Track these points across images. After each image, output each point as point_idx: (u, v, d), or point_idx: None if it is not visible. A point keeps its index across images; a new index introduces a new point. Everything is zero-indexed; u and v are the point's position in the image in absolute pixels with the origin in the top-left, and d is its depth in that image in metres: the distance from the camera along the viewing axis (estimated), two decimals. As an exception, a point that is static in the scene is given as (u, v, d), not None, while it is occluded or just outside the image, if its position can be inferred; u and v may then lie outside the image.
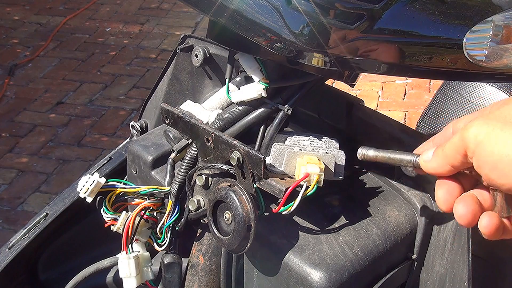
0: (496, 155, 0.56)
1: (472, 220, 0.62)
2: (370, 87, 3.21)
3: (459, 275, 0.79)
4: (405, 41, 0.75)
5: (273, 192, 0.75)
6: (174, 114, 0.85)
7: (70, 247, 1.22)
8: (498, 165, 0.56)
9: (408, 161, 0.69)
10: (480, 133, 0.57)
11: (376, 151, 0.73)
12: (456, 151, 0.60)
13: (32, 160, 2.77)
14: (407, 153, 0.70)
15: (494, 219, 0.61)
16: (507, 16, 0.77)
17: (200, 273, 0.94)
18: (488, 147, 0.56)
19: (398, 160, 0.70)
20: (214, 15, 0.76)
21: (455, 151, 0.60)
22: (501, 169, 0.56)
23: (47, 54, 3.67)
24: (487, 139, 0.56)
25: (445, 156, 0.62)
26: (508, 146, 0.55)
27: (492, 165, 0.56)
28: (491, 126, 0.57)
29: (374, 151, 0.73)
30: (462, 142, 0.59)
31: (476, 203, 0.62)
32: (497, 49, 0.77)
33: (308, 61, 0.74)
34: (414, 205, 0.87)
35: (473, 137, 0.57)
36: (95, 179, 0.88)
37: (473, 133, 0.58)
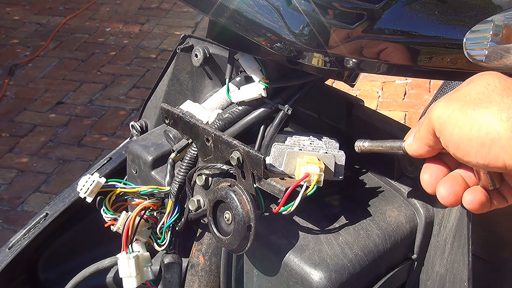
0: (456, 135, 0.59)
1: (455, 200, 0.65)
2: (370, 87, 3.21)
3: (459, 275, 0.79)
4: (405, 41, 0.75)
5: (273, 192, 0.75)
6: (174, 114, 0.85)
7: (70, 247, 1.22)
8: (460, 145, 0.59)
9: (398, 147, 0.72)
10: (443, 114, 0.60)
11: (371, 142, 0.76)
12: (428, 132, 0.63)
13: (32, 160, 2.77)
14: (397, 140, 0.73)
15: (477, 194, 0.64)
16: (507, 16, 0.77)
17: (200, 273, 0.94)
18: (449, 128, 0.59)
19: (389, 148, 0.74)
20: (214, 15, 0.76)
21: (426, 131, 0.63)
22: (462, 148, 0.59)
23: (47, 54, 3.67)
24: (448, 120, 0.59)
25: (420, 137, 0.65)
26: (465, 126, 0.58)
27: (455, 145, 0.59)
28: (451, 107, 0.60)
29: (369, 142, 0.77)
30: (430, 123, 0.62)
31: (458, 183, 0.65)
32: (497, 49, 0.77)
33: (308, 61, 0.74)
34: (414, 205, 0.87)
35: (437, 118, 0.61)
36: (95, 179, 0.88)
37: (437, 114, 0.61)
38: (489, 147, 0.57)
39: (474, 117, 0.57)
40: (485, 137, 0.57)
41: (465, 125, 0.58)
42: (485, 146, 0.57)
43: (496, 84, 0.61)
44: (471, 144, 0.58)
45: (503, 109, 0.57)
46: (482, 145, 0.57)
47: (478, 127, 0.57)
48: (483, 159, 0.58)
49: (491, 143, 0.56)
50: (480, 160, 0.58)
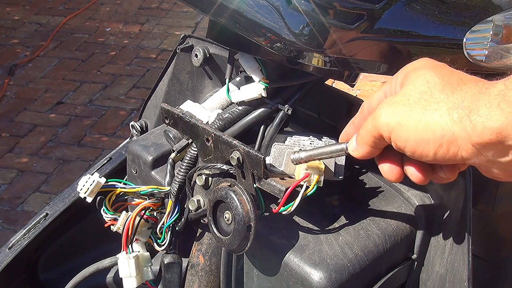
0: (411, 140, 0.61)
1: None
2: (370, 87, 3.21)
3: (459, 275, 0.79)
4: (405, 41, 0.75)
5: (273, 192, 0.75)
6: (174, 114, 0.85)
7: (70, 247, 1.22)
8: (416, 149, 0.61)
9: (340, 150, 0.71)
10: (391, 122, 0.61)
11: (307, 152, 0.75)
12: (373, 137, 0.64)
13: (32, 160, 2.77)
14: (335, 144, 0.73)
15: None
16: (507, 16, 0.77)
17: (200, 273, 0.94)
18: (402, 134, 0.61)
19: (330, 153, 0.73)
20: (214, 15, 0.76)
21: (372, 136, 0.64)
22: (420, 151, 0.61)
23: (47, 54, 3.67)
24: (398, 127, 0.61)
25: (365, 142, 0.66)
26: (418, 130, 0.60)
27: (411, 148, 0.61)
28: (397, 113, 0.61)
29: (306, 152, 0.75)
30: (376, 129, 0.63)
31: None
32: (497, 49, 0.77)
33: (308, 61, 0.74)
34: (414, 205, 0.87)
35: (385, 126, 0.62)
36: (95, 179, 0.88)
37: (384, 121, 0.62)
38: (447, 147, 0.59)
39: (426, 121, 0.59)
40: (442, 139, 0.59)
41: (418, 129, 0.60)
42: (442, 146, 0.59)
43: (435, 80, 0.61)
44: (428, 147, 0.60)
45: (452, 109, 0.58)
46: (440, 146, 0.59)
47: (432, 131, 0.59)
48: (442, 157, 0.60)
49: (448, 143, 0.59)
50: (439, 158, 0.61)
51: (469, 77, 0.62)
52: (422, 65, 0.64)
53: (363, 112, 0.70)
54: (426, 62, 0.65)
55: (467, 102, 0.58)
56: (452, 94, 0.59)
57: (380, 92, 0.69)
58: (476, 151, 0.58)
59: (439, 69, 0.63)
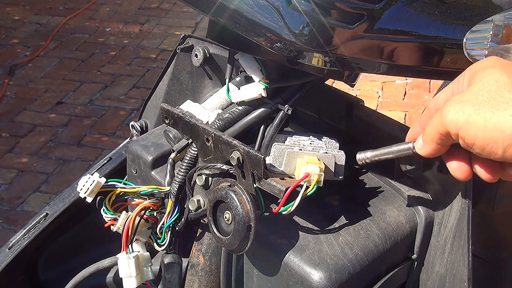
0: (480, 139, 0.60)
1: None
2: (370, 87, 3.21)
3: (459, 275, 0.79)
4: (405, 41, 0.75)
5: (273, 192, 0.75)
6: (174, 114, 0.85)
7: (70, 247, 1.22)
8: (485, 147, 0.61)
9: (407, 149, 0.71)
10: (459, 120, 0.61)
11: (373, 151, 0.74)
12: (440, 134, 0.64)
13: (32, 160, 2.77)
14: (401, 144, 0.72)
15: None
16: (507, 16, 0.77)
17: (200, 273, 0.94)
18: (470, 132, 0.61)
19: (397, 152, 0.72)
20: (214, 15, 0.76)
21: (439, 134, 0.64)
22: (488, 149, 0.61)
23: (47, 54, 3.67)
24: (467, 125, 0.61)
25: (431, 140, 0.66)
26: (488, 129, 0.60)
27: (480, 146, 0.61)
28: (466, 111, 0.61)
29: (372, 152, 0.74)
30: (443, 127, 0.63)
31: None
32: (497, 49, 0.77)
33: (308, 61, 0.74)
34: (414, 205, 0.87)
35: (452, 124, 0.62)
36: (95, 179, 0.88)
37: (452, 119, 0.62)
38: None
39: (495, 121, 0.59)
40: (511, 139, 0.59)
41: (487, 128, 0.60)
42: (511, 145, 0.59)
43: (504, 79, 0.61)
44: (497, 145, 0.60)
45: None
46: (509, 145, 0.59)
47: (501, 130, 0.59)
48: (511, 156, 0.60)
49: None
50: (508, 157, 0.61)
51: None
52: (490, 64, 0.64)
53: (430, 111, 0.70)
54: (494, 61, 0.65)
55: None
56: None
57: (447, 91, 0.68)
58: None
59: (508, 67, 0.63)
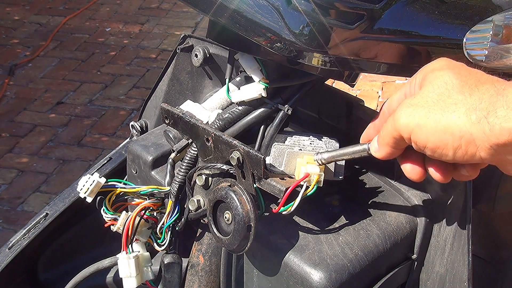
0: (430, 142, 0.61)
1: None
2: (370, 87, 3.21)
3: (459, 275, 0.79)
4: (405, 41, 0.75)
5: (273, 192, 0.75)
6: (174, 114, 0.85)
7: (70, 247, 1.21)
8: (436, 150, 0.62)
9: (362, 150, 0.73)
10: (410, 124, 0.62)
11: (329, 153, 0.76)
12: (393, 138, 0.65)
13: (32, 160, 2.77)
14: (358, 145, 0.74)
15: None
16: (507, 16, 0.77)
17: (200, 273, 0.94)
18: (421, 136, 0.62)
19: (352, 153, 0.74)
20: (214, 15, 0.76)
21: (392, 137, 0.66)
22: (439, 152, 0.62)
23: (47, 54, 3.67)
24: (418, 129, 0.62)
25: (386, 143, 0.67)
26: (437, 132, 0.61)
27: (431, 149, 0.62)
28: (416, 115, 0.62)
29: (328, 153, 0.76)
30: (396, 131, 0.64)
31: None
32: (497, 49, 0.77)
33: (308, 61, 0.74)
34: (414, 205, 0.87)
35: (404, 128, 0.63)
36: (95, 179, 0.88)
37: (403, 123, 0.63)
38: (466, 148, 0.60)
39: (444, 123, 0.60)
40: (460, 140, 0.60)
41: (437, 131, 0.61)
42: (461, 147, 0.60)
43: (453, 81, 0.62)
44: (448, 148, 0.61)
45: (470, 110, 0.59)
46: (458, 147, 0.60)
47: (451, 132, 0.60)
48: (461, 158, 0.61)
49: (467, 144, 0.60)
50: (458, 158, 0.61)
51: (487, 77, 0.62)
52: (440, 66, 0.65)
53: (384, 114, 0.71)
54: (444, 63, 0.65)
55: (484, 104, 0.58)
56: (470, 95, 0.60)
57: (400, 93, 0.70)
58: (494, 151, 0.59)
59: (457, 69, 0.63)
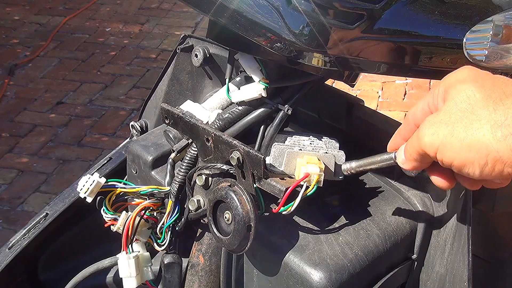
0: (457, 160, 0.61)
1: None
2: (370, 87, 3.21)
3: (459, 275, 0.79)
4: (405, 41, 0.75)
5: (273, 192, 0.75)
6: (174, 114, 0.85)
7: (70, 247, 1.22)
8: (463, 168, 0.61)
9: (389, 159, 0.73)
10: (434, 142, 0.62)
11: (358, 162, 0.77)
12: (420, 155, 0.65)
13: (32, 160, 2.77)
14: (385, 153, 0.74)
15: None
16: (507, 16, 0.77)
17: (200, 273, 0.94)
18: (447, 154, 0.61)
19: (379, 162, 0.74)
20: (214, 15, 0.76)
21: (419, 155, 0.65)
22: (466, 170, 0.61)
23: (47, 54, 3.67)
24: (443, 147, 0.61)
25: (413, 159, 0.67)
26: (463, 151, 0.60)
27: (457, 167, 0.62)
28: (440, 133, 0.61)
29: (356, 162, 0.77)
30: (421, 149, 0.64)
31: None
32: (497, 49, 0.77)
33: (308, 61, 0.74)
34: (414, 205, 0.87)
35: (429, 146, 0.62)
36: (95, 179, 0.88)
37: (428, 142, 0.62)
38: (492, 165, 0.59)
39: (469, 141, 0.59)
40: (486, 158, 0.59)
41: (462, 149, 0.60)
42: (488, 165, 0.59)
43: (476, 96, 0.61)
44: (474, 165, 0.60)
45: (495, 127, 0.58)
46: (485, 165, 0.60)
47: (476, 150, 0.59)
48: (488, 174, 0.60)
49: (493, 162, 0.59)
50: (486, 175, 0.61)
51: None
52: (463, 77, 0.63)
53: (408, 122, 0.70)
54: (466, 74, 0.64)
55: (510, 120, 0.58)
56: (495, 110, 0.59)
57: (423, 102, 0.68)
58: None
59: (481, 81, 0.62)
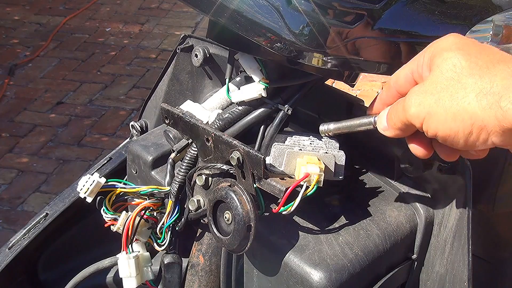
0: (441, 130, 0.60)
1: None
2: (370, 87, 3.21)
3: (459, 275, 0.79)
4: (405, 41, 0.75)
5: (273, 192, 0.75)
6: (174, 114, 0.85)
7: (70, 247, 1.22)
8: (447, 138, 0.61)
9: (368, 123, 0.73)
10: (420, 113, 0.61)
11: (336, 124, 0.77)
12: (405, 124, 0.65)
13: (32, 160, 2.77)
14: (365, 117, 0.74)
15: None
16: (507, 16, 0.77)
17: (200, 273, 0.94)
18: (432, 124, 0.61)
19: (358, 125, 0.74)
20: (214, 15, 0.76)
21: (404, 124, 0.65)
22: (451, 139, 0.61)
23: (47, 54, 3.67)
24: (428, 117, 0.61)
25: (397, 128, 0.66)
26: (448, 120, 0.59)
27: (442, 137, 0.61)
28: (426, 103, 0.61)
29: (334, 124, 0.77)
30: (407, 120, 0.63)
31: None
32: (497, 49, 0.77)
33: (308, 61, 0.74)
34: (414, 205, 0.87)
35: (415, 117, 0.62)
36: (95, 179, 0.88)
37: (415, 113, 0.62)
38: (477, 134, 0.59)
39: (454, 110, 0.59)
40: (471, 127, 0.58)
41: (447, 119, 0.59)
42: (472, 134, 0.59)
43: (462, 63, 0.60)
44: (458, 135, 0.60)
45: (480, 95, 0.57)
46: (469, 134, 0.59)
47: (461, 119, 0.58)
48: (472, 144, 0.60)
49: (478, 130, 0.58)
50: (470, 145, 0.60)
51: (500, 56, 0.60)
52: (449, 45, 0.62)
53: (390, 88, 0.70)
54: (453, 41, 0.62)
55: (496, 88, 0.56)
56: (481, 78, 0.58)
57: (407, 69, 0.67)
58: (507, 136, 0.57)
59: (467, 48, 0.61)
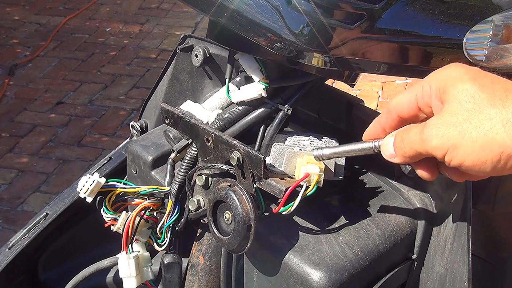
0: (468, 160, 0.60)
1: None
2: (370, 87, 3.21)
3: (459, 275, 0.79)
4: (405, 41, 0.75)
5: (273, 192, 0.75)
6: (174, 114, 0.85)
7: (70, 247, 1.22)
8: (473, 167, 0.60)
9: (368, 149, 0.70)
10: (444, 145, 0.61)
11: (331, 149, 0.74)
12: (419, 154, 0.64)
13: (32, 160, 2.77)
14: (362, 142, 0.71)
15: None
16: (507, 16, 0.77)
17: (200, 273, 0.94)
18: (457, 156, 0.60)
19: (357, 151, 0.72)
20: (214, 15, 0.76)
21: (418, 154, 0.64)
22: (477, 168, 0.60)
23: (47, 54, 3.67)
24: (454, 149, 0.60)
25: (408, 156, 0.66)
26: (475, 150, 0.59)
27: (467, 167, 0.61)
28: (451, 136, 0.60)
29: (329, 149, 0.74)
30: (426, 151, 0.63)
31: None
32: (497, 49, 0.77)
33: (308, 61, 0.74)
34: (414, 205, 0.87)
35: (438, 150, 0.61)
36: (95, 179, 0.88)
37: (437, 145, 0.61)
38: (505, 161, 0.59)
39: (482, 140, 0.59)
40: (500, 155, 0.59)
41: (475, 150, 0.59)
42: (500, 162, 0.59)
43: (481, 95, 0.60)
44: (487, 164, 0.60)
45: (508, 124, 0.58)
46: (498, 162, 0.59)
47: (489, 149, 0.59)
48: (500, 171, 0.60)
49: (507, 158, 0.59)
50: (497, 172, 0.60)
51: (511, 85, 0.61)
52: (459, 76, 0.62)
53: (391, 113, 0.69)
54: (461, 71, 0.63)
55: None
56: (504, 107, 0.59)
57: (410, 95, 0.67)
58: None
59: (479, 79, 0.61)
